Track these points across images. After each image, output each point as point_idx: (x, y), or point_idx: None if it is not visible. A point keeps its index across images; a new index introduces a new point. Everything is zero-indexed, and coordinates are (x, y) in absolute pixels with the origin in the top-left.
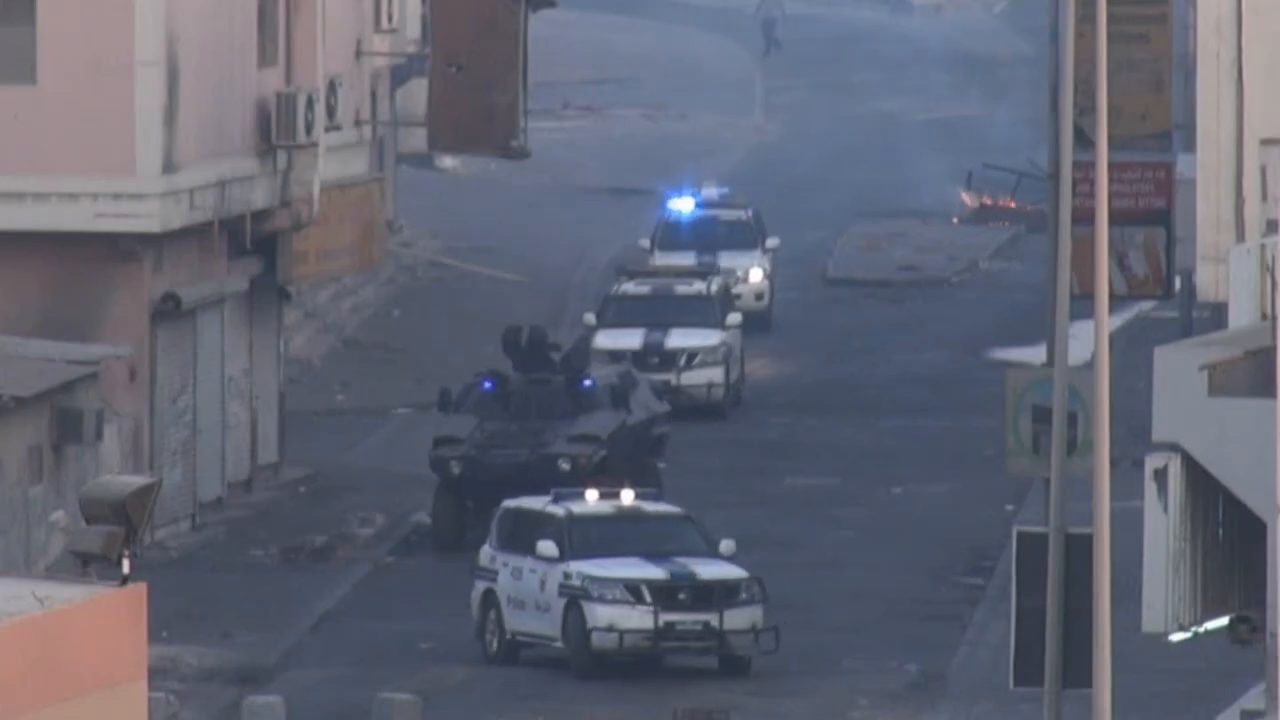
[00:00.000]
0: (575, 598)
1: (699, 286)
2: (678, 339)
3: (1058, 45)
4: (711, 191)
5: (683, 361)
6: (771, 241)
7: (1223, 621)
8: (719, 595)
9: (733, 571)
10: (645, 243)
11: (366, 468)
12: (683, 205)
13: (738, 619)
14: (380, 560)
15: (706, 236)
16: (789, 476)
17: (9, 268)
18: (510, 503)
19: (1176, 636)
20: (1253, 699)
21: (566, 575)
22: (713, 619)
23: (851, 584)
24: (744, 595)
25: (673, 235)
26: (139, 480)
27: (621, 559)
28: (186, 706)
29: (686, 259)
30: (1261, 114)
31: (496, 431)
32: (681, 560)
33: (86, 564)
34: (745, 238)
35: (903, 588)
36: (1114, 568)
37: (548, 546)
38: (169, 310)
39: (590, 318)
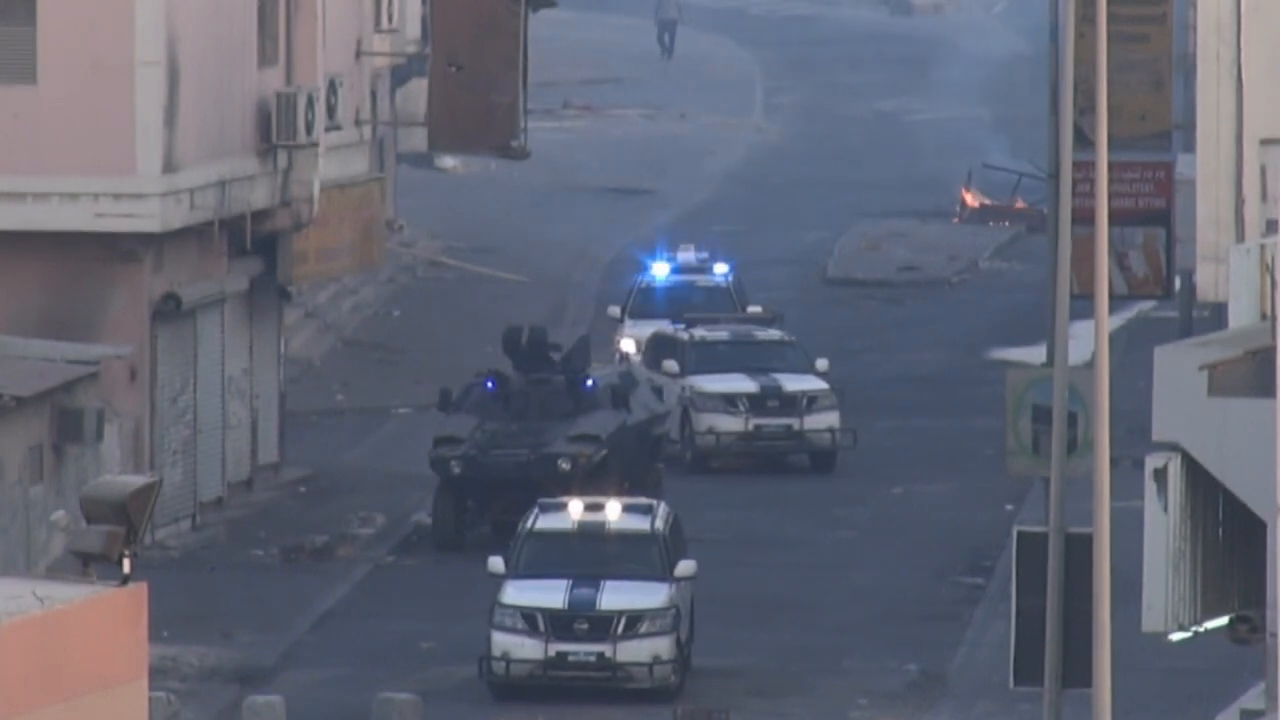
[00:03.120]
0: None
1: (776, 332)
2: (791, 382)
3: (1058, 45)
4: (689, 255)
5: (805, 405)
6: (753, 309)
7: (1223, 621)
8: (618, 626)
9: (647, 601)
10: (615, 310)
11: (366, 468)
12: (659, 270)
13: (635, 651)
14: (380, 560)
15: (682, 304)
16: (789, 476)
17: (9, 268)
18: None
19: (1176, 636)
20: (1253, 699)
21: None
22: (607, 650)
23: (851, 584)
24: (647, 627)
25: (646, 303)
26: (139, 480)
27: (544, 581)
28: (187, 706)
29: (657, 328)
30: (1261, 114)
31: (497, 431)
32: (608, 584)
33: (87, 564)
34: (723, 306)
35: (903, 588)
36: (1114, 568)
37: (496, 563)
38: (169, 310)
39: (673, 365)
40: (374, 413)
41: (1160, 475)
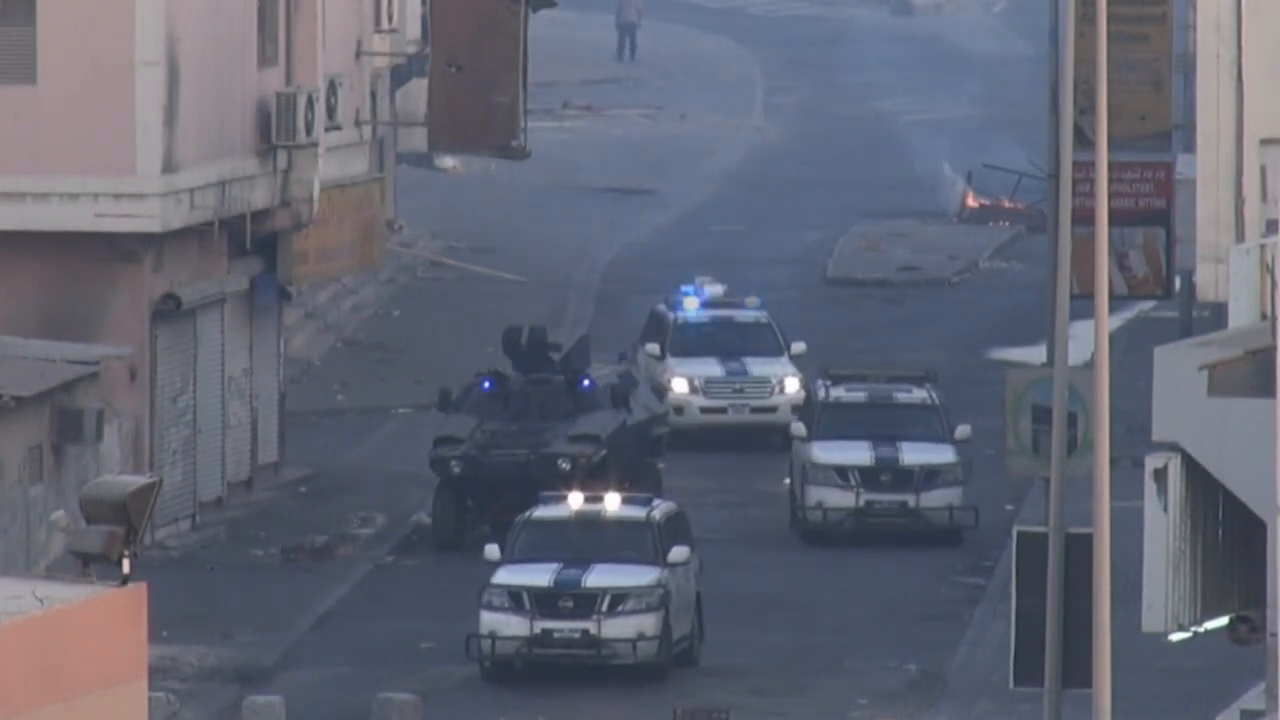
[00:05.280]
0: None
1: (920, 394)
2: (913, 454)
3: (1058, 45)
4: (716, 289)
5: (921, 480)
6: (797, 346)
7: (1223, 621)
8: (602, 603)
9: (632, 579)
10: (654, 348)
11: (366, 468)
12: (690, 305)
13: (620, 627)
14: (380, 560)
15: (724, 342)
16: (789, 476)
17: (9, 268)
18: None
19: (1176, 636)
20: (1253, 699)
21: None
22: (591, 626)
23: (851, 584)
24: (632, 604)
25: (686, 339)
26: (139, 480)
27: (535, 565)
28: (187, 706)
29: (709, 367)
30: (1261, 114)
31: (497, 431)
32: (597, 566)
33: (87, 564)
34: (768, 343)
35: (903, 588)
36: (1114, 568)
37: (492, 550)
38: (169, 310)
39: (800, 428)
40: (374, 413)
41: (1160, 475)
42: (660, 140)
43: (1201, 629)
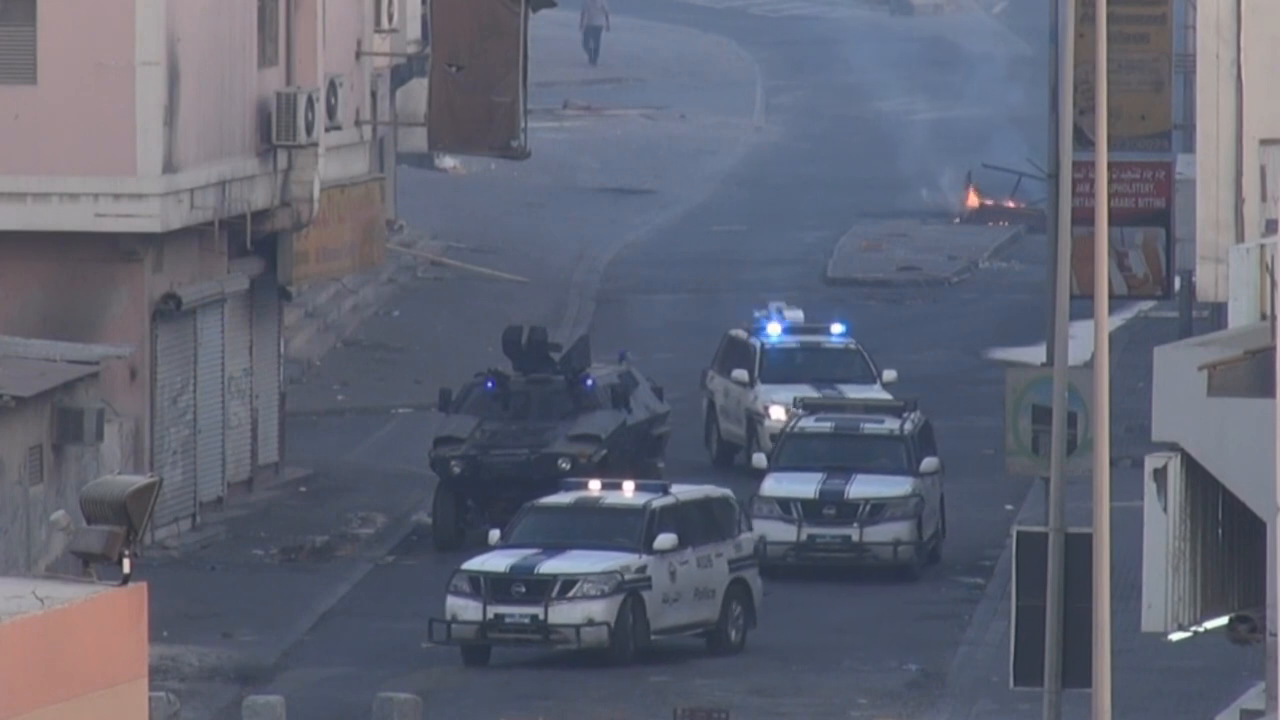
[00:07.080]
0: None
1: (890, 425)
2: (861, 487)
3: (1058, 45)
4: (796, 314)
5: (865, 514)
6: (889, 374)
7: (1222, 621)
8: (553, 589)
9: (587, 566)
10: (743, 374)
11: (366, 468)
12: (774, 331)
13: (567, 613)
14: (380, 560)
15: (815, 369)
16: None
17: (9, 268)
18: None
19: (1176, 636)
20: (1252, 699)
21: None
22: (540, 612)
23: (851, 584)
24: (580, 590)
25: (777, 366)
26: (139, 480)
27: (512, 551)
28: (187, 706)
29: (804, 394)
30: (1261, 114)
31: (497, 431)
32: (569, 553)
33: (87, 564)
34: (859, 370)
35: (903, 588)
36: (1114, 568)
37: (494, 535)
38: (169, 310)
39: (760, 459)
40: (374, 413)
41: (1160, 475)
42: (660, 140)
43: (1201, 629)
